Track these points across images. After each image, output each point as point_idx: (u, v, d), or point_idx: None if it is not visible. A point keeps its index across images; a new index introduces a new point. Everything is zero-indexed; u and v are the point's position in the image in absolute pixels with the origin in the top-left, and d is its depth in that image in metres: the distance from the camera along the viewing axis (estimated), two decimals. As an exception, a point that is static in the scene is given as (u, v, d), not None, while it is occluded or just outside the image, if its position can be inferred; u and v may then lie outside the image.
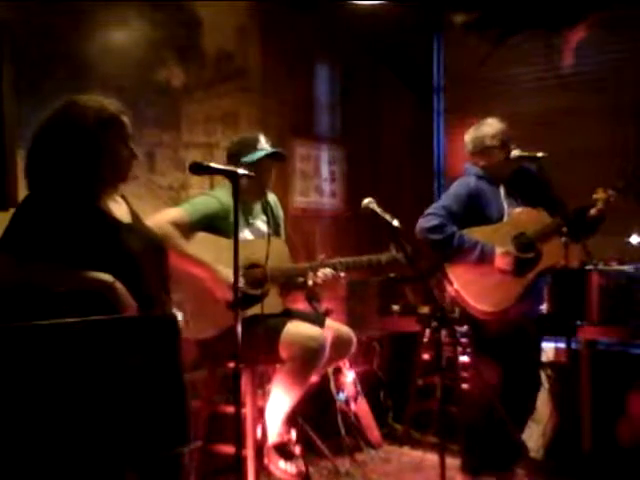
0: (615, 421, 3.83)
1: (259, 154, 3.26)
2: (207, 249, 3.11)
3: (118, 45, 3.77)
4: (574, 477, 3.49)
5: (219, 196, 3.20)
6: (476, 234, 3.36)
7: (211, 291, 3.11)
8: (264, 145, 3.30)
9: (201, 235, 3.15)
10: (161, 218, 3.07)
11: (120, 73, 3.72)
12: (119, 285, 2.13)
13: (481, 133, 3.49)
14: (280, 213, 3.51)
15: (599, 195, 3.36)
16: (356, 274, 3.52)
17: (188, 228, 3.12)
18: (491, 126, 3.48)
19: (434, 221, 3.35)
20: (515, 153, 3.41)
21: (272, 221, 3.34)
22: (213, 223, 3.14)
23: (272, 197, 3.47)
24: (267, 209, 3.34)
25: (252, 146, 3.28)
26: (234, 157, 3.25)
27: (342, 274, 3.32)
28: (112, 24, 3.73)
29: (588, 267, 3.62)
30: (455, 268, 3.39)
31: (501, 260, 3.32)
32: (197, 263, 3.08)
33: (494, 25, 4.86)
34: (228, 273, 2.91)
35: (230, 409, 3.24)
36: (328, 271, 3.27)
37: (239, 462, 2.38)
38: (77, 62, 3.55)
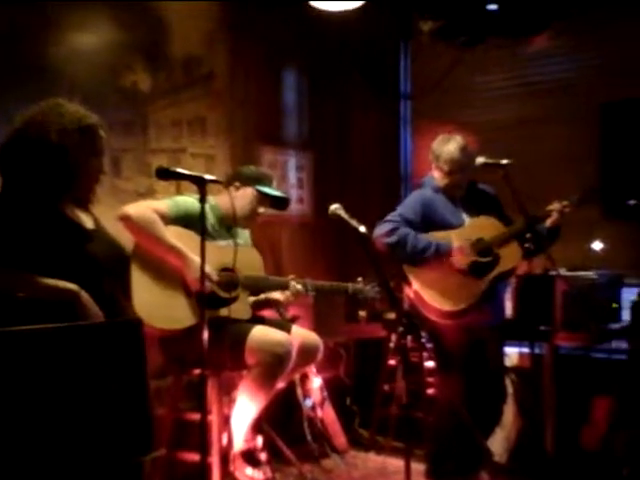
0: (578, 425, 3.88)
1: (277, 192, 3.48)
2: (181, 243, 3.10)
3: (84, 49, 3.73)
4: (538, 481, 3.53)
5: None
6: (435, 238, 3.40)
7: (183, 281, 3.10)
8: (275, 187, 3.52)
9: (173, 229, 3.14)
10: (144, 204, 3.14)
11: (86, 77, 3.68)
12: (85, 295, 2.11)
13: (443, 153, 3.47)
14: (249, 244, 3.54)
15: (554, 206, 3.43)
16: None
17: (167, 221, 3.14)
18: (448, 153, 3.45)
19: (389, 226, 3.40)
20: (480, 160, 3.45)
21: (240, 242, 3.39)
22: (190, 224, 3.13)
23: (247, 232, 3.54)
24: (238, 232, 3.41)
25: (269, 181, 3.47)
26: (251, 179, 3.41)
27: (311, 293, 3.35)
28: (78, 28, 3.70)
29: (551, 273, 3.67)
30: (414, 270, 3.42)
31: (456, 256, 3.35)
32: (174, 251, 3.08)
33: (461, 33, 4.91)
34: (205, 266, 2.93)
35: (195, 416, 3.22)
36: (299, 287, 3.31)
37: (204, 469, 2.36)
38: (42, 66, 3.51)
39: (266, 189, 3.42)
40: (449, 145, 3.49)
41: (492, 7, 4.62)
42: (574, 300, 3.69)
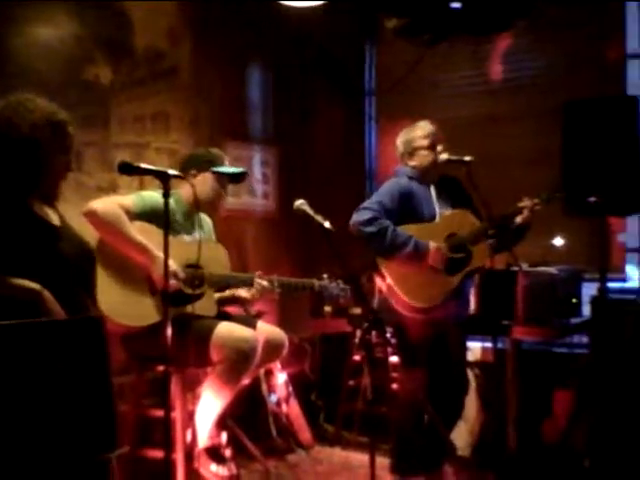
0: (540, 419, 3.94)
1: (235, 169, 3.46)
2: (146, 238, 3.08)
3: (46, 42, 3.68)
4: (500, 474, 3.57)
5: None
6: (410, 231, 3.41)
7: (149, 279, 3.08)
8: (228, 164, 3.48)
9: (138, 224, 3.11)
10: (110, 200, 3.10)
11: (48, 70, 3.63)
12: (47, 294, 2.08)
13: (412, 135, 3.56)
14: (213, 237, 3.54)
15: (524, 204, 3.47)
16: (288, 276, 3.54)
17: (132, 217, 3.10)
18: (422, 128, 3.55)
19: (368, 214, 3.38)
20: (443, 157, 3.49)
21: (205, 236, 3.38)
22: (156, 219, 3.10)
23: (209, 220, 3.53)
24: (202, 224, 3.41)
25: (221, 160, 3.43)
26: (205, 163, 3.38)
27: (277, 290, 3.35)
28: (40, 20, 3.64)
29: (514, 268, 3.72)
30: (388, 264, 3.43)
31: (434, 256, 3.37)
32: (139, 248, 3.05)
33: (424, 31, 4.94)
34: (171, 263, 2.90)
35: (159, 413, 3.20)
36: (265, 284, 3.29)
37: (168, 466, 2.35)
38: (3, 58, 3.44)
39: (222, 169, 3.40)
40: (418, 125, 3.57)
41: (455, 5, 4.66)
42: (536, 295, 3.74)
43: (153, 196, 3.19)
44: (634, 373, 3.35)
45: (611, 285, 3.65)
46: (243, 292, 3.39)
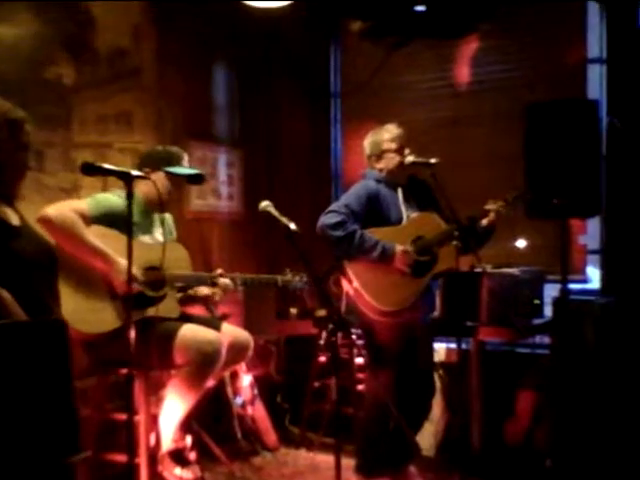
0: (503, 419, 3.98)
1: (188, 170, 3.40)
2: (104, 243, 3.04)
3: (6, 41, 3.61)
4: (464, 474, 3.60)
5: (124, 196, 3.14)
6: (377, 235, 3.43)
7: (109, 284, 3.04)
8: (187, 164, 3.42)
9: (95, 228, 3.07)
10: (64, 205, 3.06)
11: (8, 69, 3.57)
12: (6, 295, 2.04)
13: (379, 137, 3.58)
14: (174, 232, 3.52)
15: (490, 206, 3.51)
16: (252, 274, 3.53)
17: (88, 221, 3.07)
18: (389, 131, 3.57)
19: (336, 218, 3.39)
20: (409, 159, 3.51)
21: (166, 236, 3.34)
22: (113, 222, 3.07)
23: (169, 216, 3.50)
24: (164, 222, 3.38)
25: (178, 160, 3.38)
26: (159, 162, 3.33)
27: (239, 288, 3.33)
28: (0, 19, 3.57)
29: (477, 270, 3.75)
30: (355, 267, 3.44)
31: (400, 259, 3.39)
32: (98, 253, 3.01)
33: (389, 33, 4.96)
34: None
35: (123, 417, 3.17)
36: (228, 282, 3.28)
37: (132, 470, 2.32)
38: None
39: (176, 169, 3.35)
40: (385, 127, 3.60)
41: (420, 8, 4.69)
42: (499, 296, 3.78)
43: (108, 198, 3.15)
44: (595, 373, 3.40)
45: (572, 286, 3.70)
46: (205, 290, 3.37)
